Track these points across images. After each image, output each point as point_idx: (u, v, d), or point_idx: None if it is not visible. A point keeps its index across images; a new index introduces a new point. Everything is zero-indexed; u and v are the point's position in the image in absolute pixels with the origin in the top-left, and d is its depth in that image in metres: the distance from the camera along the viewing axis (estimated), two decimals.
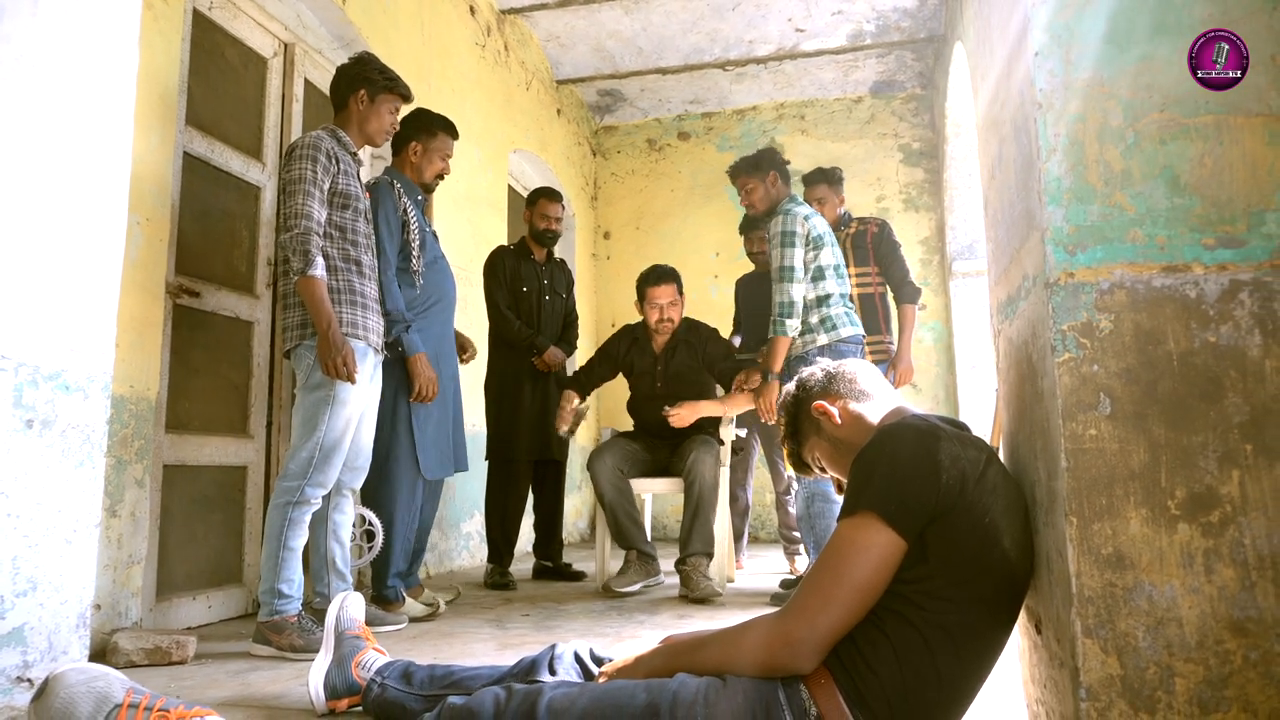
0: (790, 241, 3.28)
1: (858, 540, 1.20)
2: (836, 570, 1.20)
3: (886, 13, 5.68)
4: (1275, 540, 1.13)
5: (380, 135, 2.82)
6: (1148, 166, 1.22)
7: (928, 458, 1.21)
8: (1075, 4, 1.26)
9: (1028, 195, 1.33)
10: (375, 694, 1.71)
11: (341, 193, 2.63)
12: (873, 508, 1.20)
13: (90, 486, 2.03)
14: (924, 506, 1.19)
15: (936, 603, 1.20)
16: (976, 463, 1.24)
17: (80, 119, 2.04)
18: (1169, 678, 1.13)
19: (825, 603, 1.19)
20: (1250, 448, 1.15)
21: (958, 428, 1.33)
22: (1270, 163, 1.18)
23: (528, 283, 4.05)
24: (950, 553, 1.20)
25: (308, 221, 2.50)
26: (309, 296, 2.48)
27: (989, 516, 1.22)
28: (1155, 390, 1.18)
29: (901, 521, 1.18)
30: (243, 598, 3.12)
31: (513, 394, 3.93)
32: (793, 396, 1.55)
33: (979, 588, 1.22)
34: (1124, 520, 1.17)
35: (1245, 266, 1.18)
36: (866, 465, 1.26)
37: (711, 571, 3.59)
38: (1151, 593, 1.15)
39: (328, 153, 2.59)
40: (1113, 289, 1.21)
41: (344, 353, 2.47)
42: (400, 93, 2.82)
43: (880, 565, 1.19)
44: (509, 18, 5.58)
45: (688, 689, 1.24)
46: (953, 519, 1.20)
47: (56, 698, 1.42)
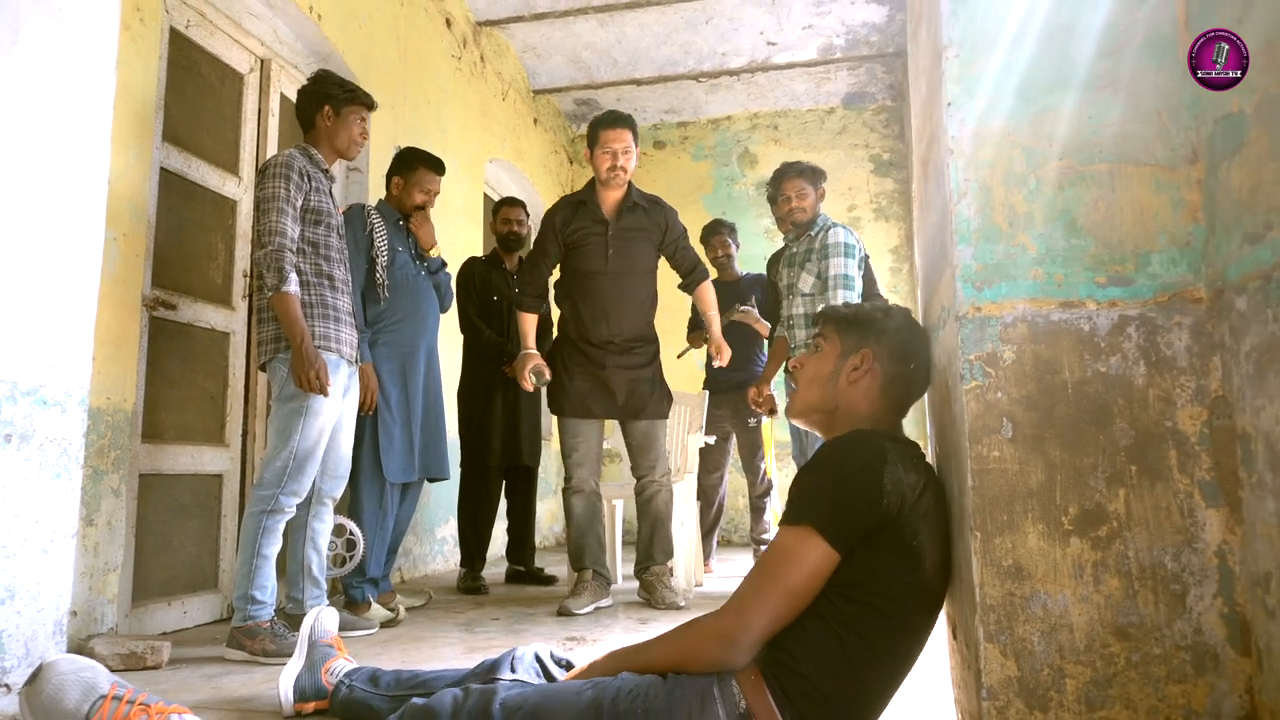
0: (850, 253, 3.40)
1: (796, 549, 1.30)
2: (773, 575, 1.30)
3: (855, 28, 5.81)
4: (1155, 553, 1.24)
5: (351, 146, 2.89)
6: (1048, 210, 1.33)
7: (872, 481, 1.30)
8: (983, 59, 1.37)
9: (943, 233, 1.44)
10: (343, 695, 1.80)
11: (314, 209, 2.71)
12: (814, 523, 1.30)
13: (67, 498, 2.11)
14: (861, 525, 1.29)
15: (857, 609, 1.30)
16: (915, 487, 1.34)
17: (59, 143, 2.12)
18: (1060, 679, 1.24)
19: (759, 604, 1.29)
20: (1135, 469, 1.26)
21: (907, 447, 1.42)
22: (1155, 209, 1.30)
23: (497, 291, 4.14)
24: (877, 568, 1.30)
25: (281, 239, 2.58)
26: (283, 312, 2.56)
27: (917, 540, 1.32)
28: (1052, 415, 1.29)
29: (838, 538, 1.28)
30: (218, 603, 3.19)
31: (483, 401, 4.02)
32: (873, 323, 1.51)
33: (898, 601, 1.33)
34: (1023, 535, 1.27)
35: (1133, 303, 1.29)
36: (814, 478, 1.35)
37: (679, 576, 3.68)
38: (1046, 601, 1.26)
39: (300, 171, 2.68)
40: (1015, 322, 1.32)
41: (316, 366, 2.55)
42: (362, 102, 2.90)
43: (813, 574, 1.29)
44: (485, 29, 5.66)
45: (629, 684, 1.34)
46: (884, 537, 1.30)
47: (48, 684, 1.52)
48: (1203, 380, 1.26)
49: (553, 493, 6.45)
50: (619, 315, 3.42)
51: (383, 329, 3.25)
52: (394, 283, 3.28)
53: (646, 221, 3.47)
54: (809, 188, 3.56)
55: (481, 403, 4.03)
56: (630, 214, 3.45)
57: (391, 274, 3.27)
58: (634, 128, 3.41)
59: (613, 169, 3.36)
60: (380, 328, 3.25)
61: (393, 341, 3.26)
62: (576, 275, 3.48)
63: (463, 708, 1.40)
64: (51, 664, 1.55)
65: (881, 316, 1.53)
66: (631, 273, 3.44)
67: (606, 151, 3.35)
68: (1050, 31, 1.36)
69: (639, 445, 3.49)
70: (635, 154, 3.42)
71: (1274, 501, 1.10)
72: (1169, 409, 1.26)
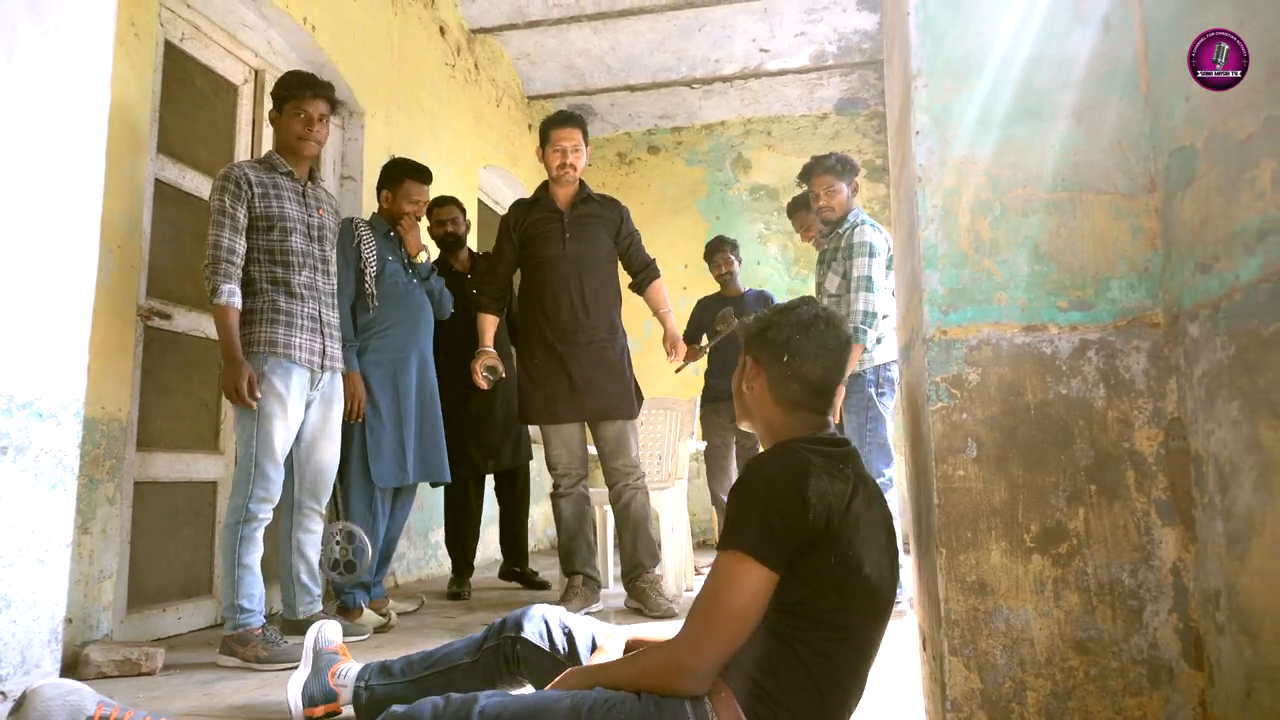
0: (875, 253, 3.29)
1: (734, 573, 1.32)
2: (717, 601, 1.32)
3: (848, 35, 5.85)
4: (1113, 570, 1.28)
5: (300, 143, 2.82)
6: (1013, 236, 1.38)
7: (797, 497, 1.30)
8: (950, 88, 1.42)
9: (913, 257, 1.48)
10: (365, 698, 1.82)
11: (264, 216, 2.75)
12: (744, 548, 1.31)
13: (62, 508, 2.15)
14: (791, 542, 1.31)
15: (805, 624, 1.33)
16: (842, 495, 1.33)
17: (54, 157, 2.16)
18: (1022, 691, 1.29)
19: (708, 632, 1.31)
20: (1094, 488, 1.30)
21: (832, 451, 1.40)
22: (1115, 235, 1.34)
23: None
24: (815, 580, 1.33)
25: (216, 251, 2.65)
26: (217, 323, 2.67)
27: (851, 549, 1.34)
28: (1015, 436, 1.34)
29: (771, 558, 1.30)
30: (212, 609, 3.23)
31: (455, 410, 3.93)
32: (759, 328, 1.50)
33: (846, 610, 1.36)
34: (986, 551, 1.32)
35: (1093, 327, 1.33)
36: (741, 500, 1.36)
37: (669, 581, 3.71)
38: (1009, 616, 1.30)
39: (237, 180, 2.71)
40: (980, 345, 1.36)
41: (238, 379, 2.59)
42: (296, 96, 2.82)
43: (754, 596, 1.31)
44: (479, 37, 5.70)
45: (605, 694, 1.38)
46: (818, 551, 1.32)
47: (34, 710, 1.55)
48: (1160, 402, 1.30)
49: (546, 495, 6.49)
50: (580, 299, 3.40)
51: (372, 336, 3.30)
52: (383, 292, 3.32)
53: (601, 211, 3.53)
54: (838, 183, 3.45)
55: (449, 416, 3.90)
56: (584, 204, 3.51)
57: (381, 283, 3.31)
58: (583, 127, 3.50)
59: (562, 166, 3.44)
60: (369, 335, 3.29)
61: (382, 348, 3.30)
62: (535, 265, 3.49)
63: (443, 715, 1.44)
64: (36, 691, 1.58)
65: (771, 316, 1.49)
66: (590, 256, 3.45)
67: (556, 150, 3.44)
68: (1016, 62, 1.40)
69: (610, 450, 3.45)
70: (585, 152, 3.50)
71: (1223, 522, 1.15)
72: (1127, 430, 1.31)
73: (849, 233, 3.39)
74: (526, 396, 3.47)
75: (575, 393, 3.38)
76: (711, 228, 7.05)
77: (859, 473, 1.39)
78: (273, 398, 2.66)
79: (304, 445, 2.84)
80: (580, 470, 3.50)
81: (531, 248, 3.49)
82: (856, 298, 3.29)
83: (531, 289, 3.51)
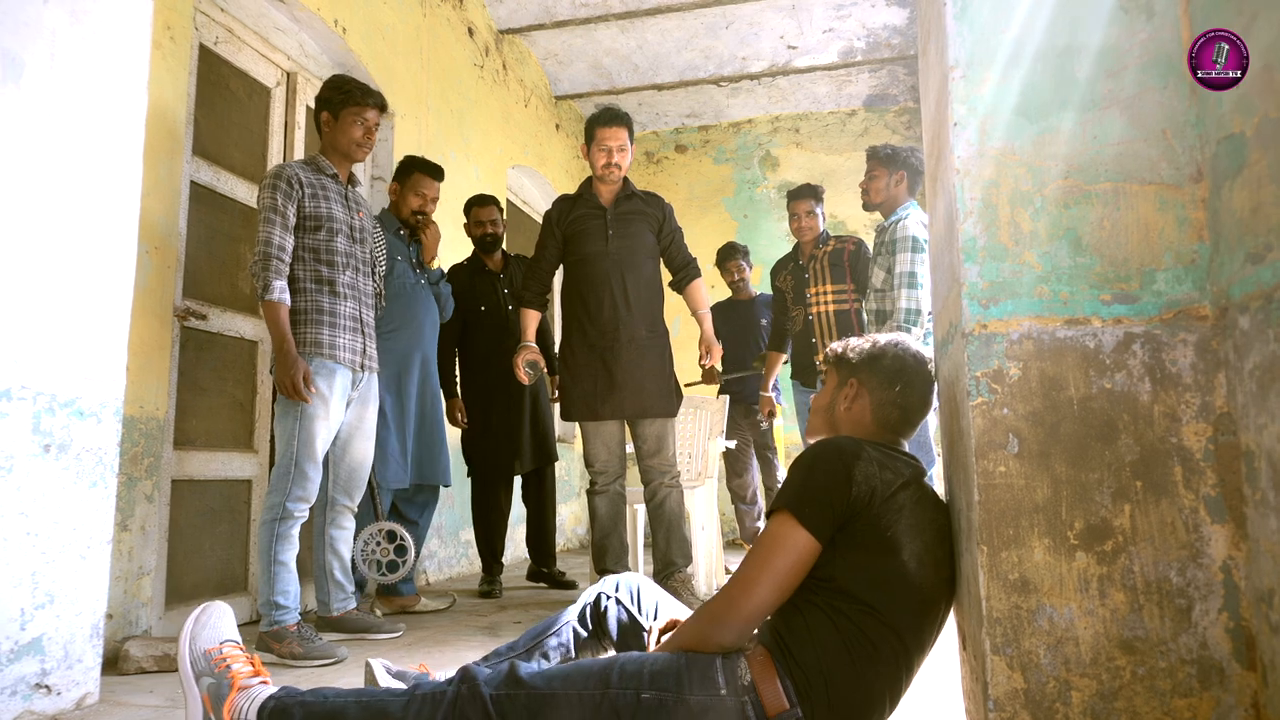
0: (919, 247, 3.26)
1: (777, 534, 1.39)
2: (757, 559, 1.39)
3: (876, 30, 5.80)
4: (1161, 568, 1.25)
5: (354, 149, 2.88)
6: (1053, 228, 1.35)
7: (843, 471, 1.40)
8: (989, 79, 1.39)
9: (951, 250, 1.46)
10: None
11: (312, 216, 2.77)
12: (787, 507, 1.40)
13: (103, 505, 2.18)
14: (832, 511, 1.38)
15: (845, 600, 1.38)
16: (890, 484, 1.41)
17: (93, 160, 2.19)
18: (1066, 691, 1.26)
19: (746, 587, 1.38)
20: (1140, 484, 1.27)
21: (892, 453, 1.48)
22: (1160, 227, 1.31)
23: (485, 300, 4.00)
24: (853, 555, 1.39)
25: (266, 248, 2.66)
26: (267, 319, 2.67)
27: (891, 531, 1.39)
28: (1058, 432, 1.31)
29: (812, 522, 1.37)
30: (248, 605, 3.27)
31: (478, 414, 3.98)
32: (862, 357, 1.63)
33: (881, 591, 1.38)
34: (1029, 549, 1.29)
35: (1138, 321, 1.30)
36: (793, 471, 1.46)
37: (699, 579, 3.71)
38: (1052, 614, 1.28)
39: (289, 179, 2.73)
40: (1021, 339, 1.34)
41: (294, 372, 2.61)
42: (359, 102, 2.87)
43: (795, 558, 1.38)
44: (507, 37, 5.72)
45: (637, 654, 1.46)
46: (857, 526, 1.39)
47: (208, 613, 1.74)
48: (1208, 397, 1.27)
49: (575, 495, 6.50)
50: (624, 297, 3.38)
51: (378, 336, 3.28)
52: (391, 292, 3.33)
53: (644, 208, 3.50)
54: (881, 168, 3.45)
55: (478, 415, 3.98)
56: (628, 201, 3.49)
57: (389, 283, 3.32)
58: (629, 125, 3.46)
59: (608, 165, 3.41)
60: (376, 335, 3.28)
61: (388, 349, 3.28)
62: (578, 261, 3.46)
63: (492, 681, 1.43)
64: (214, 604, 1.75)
65: (871, 348, 1.64)
66: (634, 253, 3.42)
67: (602, 149, 3.40)
68: (1054, 51, 1.37)
69: (649, 449, 3.43)
70: (631, 152, 3.47)
71: (1277, 519, 1.12)
72: (1174, 425, 1.28)
73: (894, 226, 3.39)
74: (567, 393, 3.45)
75: (615, 390, 3.35)
76: (740, 226, 7.04)
77: (917, 477, 1.47)
78: (316, 398, 2.69)
79: (339, 443, 2.86)
80: (618, 468, 3.48)
81: (574, 243, 3.47)
82: (900, 294, 3.27)
83: (574, 286, 3.49)
